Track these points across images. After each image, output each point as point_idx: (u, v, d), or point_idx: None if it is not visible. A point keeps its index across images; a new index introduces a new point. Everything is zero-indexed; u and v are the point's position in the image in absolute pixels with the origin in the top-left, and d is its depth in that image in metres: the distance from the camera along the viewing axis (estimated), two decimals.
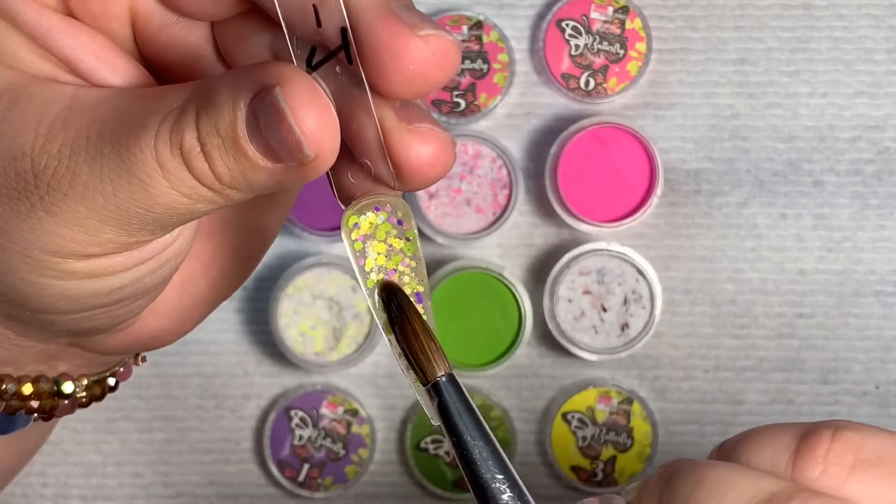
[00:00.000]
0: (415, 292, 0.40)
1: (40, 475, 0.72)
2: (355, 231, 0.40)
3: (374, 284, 0.40)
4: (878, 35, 0.69)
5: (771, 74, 0.69)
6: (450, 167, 0.39)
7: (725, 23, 0.69)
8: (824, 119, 0.69)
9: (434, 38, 0.36)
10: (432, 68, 0.36)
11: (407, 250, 0.40)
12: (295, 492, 0.70)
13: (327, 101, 0.36)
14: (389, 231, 0.40)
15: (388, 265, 0.40)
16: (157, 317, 0.45)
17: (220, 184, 0.37)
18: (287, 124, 0.35)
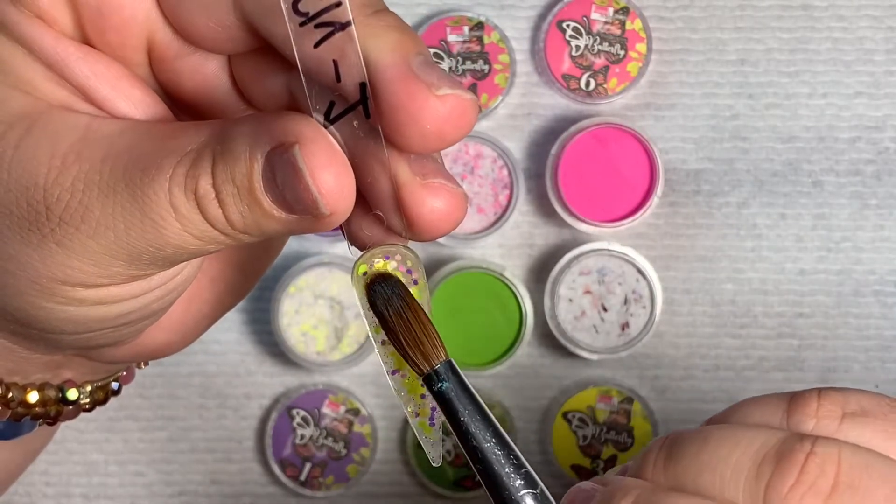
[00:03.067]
0: None
1: (43, 474, 0.72)
2: (365, 279, 0.40)
3: (380, 332, 0.40)
4: (878, 36, 0.69)
5: (771, 75, 0.70)
6: (461, 220, 0.39)
7: (725, 24, 0.70)
8: (824, 119, 0.69)
9: (451, 97, 0.36)
10: (448, 128, 0.36)
11: (415, 295, 0.40)
12: (297, 491, 0.70)
13: (345, 161, 0.37)
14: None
15: None
16: (163, 331, 0.45)
17: (232, 229, 0.38)
18: (304, 183, 0.36)
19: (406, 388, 0.41)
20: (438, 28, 0.69)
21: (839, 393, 0.40)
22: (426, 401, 0.41)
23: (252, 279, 0.47)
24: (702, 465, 0.38)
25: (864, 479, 0.38)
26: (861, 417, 0.40)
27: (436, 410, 0.40)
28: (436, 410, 0.40)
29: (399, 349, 0.40)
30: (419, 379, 0.40)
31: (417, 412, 0.41)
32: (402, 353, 0.40)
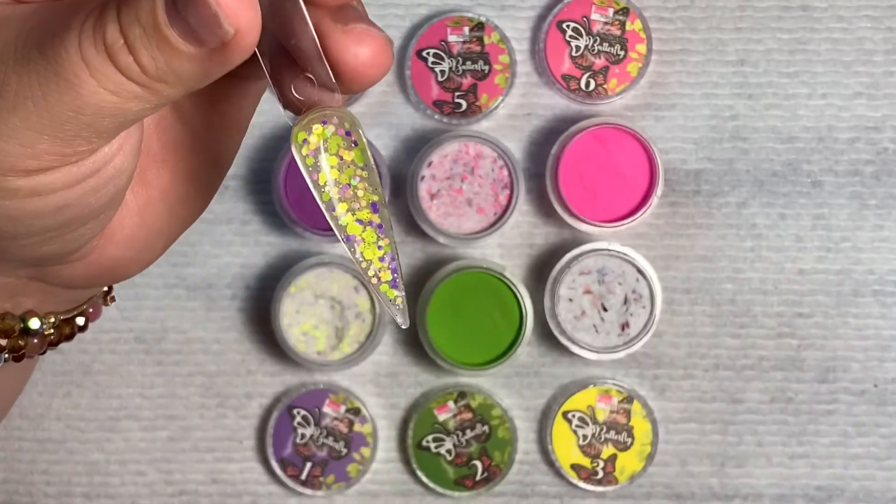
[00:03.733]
0: (370, 203, 0.40)
1: (44, 473, 0.72)
2: (305, 146, 0.40)
3: (328, 198, 0.40)
4: (877, 37, 0.69)
5: (770, 75, 0.70)
6: (388, 67, 0.39)
7: (725, 24, 0.70)
8: (823, 120, 0.70)
9: None
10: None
11: (358, 160, 0.40)
12: (297, 490, 0.70)
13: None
14: (339, 143, 0.40)
15: (342, 178, 0.40)
16: (117, 246, 0.45)
17: (146, 77, 0.37)
18: (203, 1, 0.35)
19: (364, 254, 0.41)
20: (439, 28, 0.69)
21: None
22: (385, 263, 0.41)
23: (205, 193, 0.47)
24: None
25: None
26: None
27: (397, 273, 0.41)
28: (397, 273, 0.41)
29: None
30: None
31: (379, 276, 0.41)
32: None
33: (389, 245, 0.41)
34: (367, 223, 0.41)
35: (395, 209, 0.70)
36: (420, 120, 0.70)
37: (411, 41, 0.69)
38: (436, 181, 0.69)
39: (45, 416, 0.72)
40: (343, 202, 0.41)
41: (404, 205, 0.70)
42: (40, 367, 0.72)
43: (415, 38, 0.69)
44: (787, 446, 0.70)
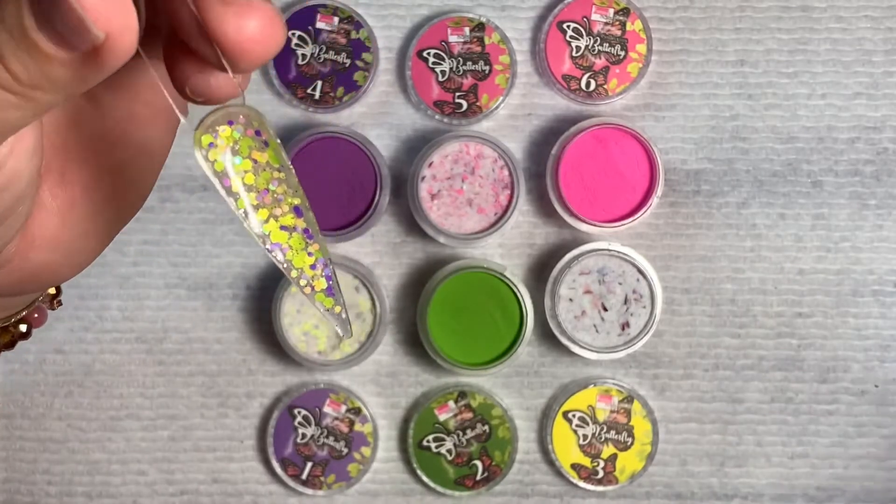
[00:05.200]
0: (293, 206, 0.37)
1: (45, 473, 0.72)
2: (212, 151, 0.37)
3: (244, 206, 0.37)
4: (877, 37, 0.69)
5: (770, 76, 0.70)
6: (280, 42, 0.35)
7: (725, 25, 0.70)
8: (823, 120, 0.70)
9: None
10: None
11: (273, 161, 0.37)
12: (298, 489, 0.70)
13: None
14: (251, 145, 0.37)
15: (259, 183, 0.37)
16: (39, 250, 0.42)
17: (20, 85, 0.34)
18: (66, 3, 0.32)
19: (293, 262, 0.38)
20: (439, 29, 0.69)
21: None
22: (317, 270, 0.38)
23: (139, 186, 0.44)
24: None
25: None
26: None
27: (331, 279, 0.38)
28: (331, 279, 0.38)
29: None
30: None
31: (312, 285, 0.38)
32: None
33: (320, 250, 0.38)
34: (293, 229, 0.38)
35: (396, 209, 0.70)
36: (421, 120, 0.70)
37: (412, 42, 0.69)
38: (436, 181, 0.69)
39: (47, 415, 0.72)
40: (262, 209, 0.37)
41: (405, 205, 0.70)
42: (42, 368, 0.72)
43: (415, 39, 0.69)
44: (787, 446, 0.70)
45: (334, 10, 0.69)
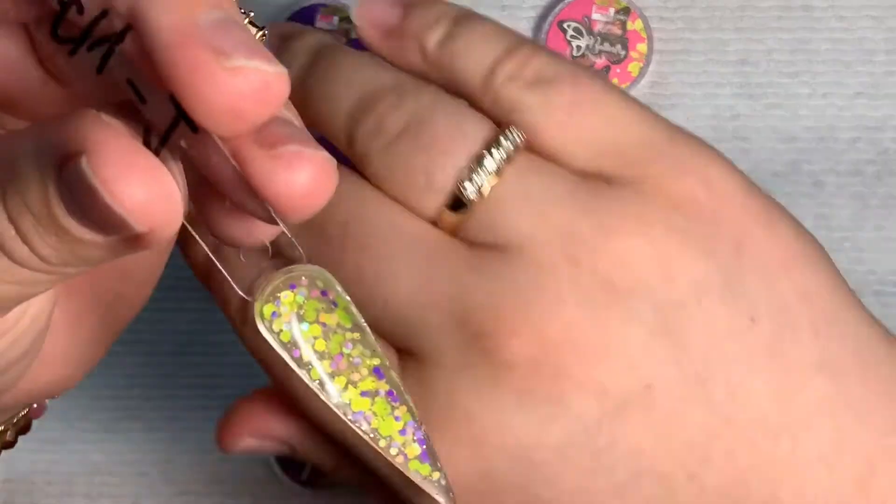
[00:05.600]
0: (372, 368, 0.35)
1: (45, 473, 0.72)
2: (277, 321, 0.35)
3: (318, 377, 0.35)
4: (878, 36, 0.69)
5: (771, 75, 0.70)
6: (330, 192, 0.32)
7: (726, 24, 0.70)
8: (824, 120, 0.69)
9: (247, 71, 0.29)
10: (248, 105, 0.29)
11: (344, 322, 0.35)
12: (298, 490, 0.70)
13: (152, 161, 0.29)
14: (318, 307, 0.35)
15: (331, 348, 0.35)
16: (49, 366, 0.41)
17: (49, 265, 0.32)
18: (102, 202, 0.29)
19: (380, 430, 0.36)
20: None
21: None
22: (408, 435, 0.36)
23: (145, 285, 0.43)
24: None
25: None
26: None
27: (425, 443, 0.36)
28: (425, 443, 0.36)
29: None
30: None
31: (404, 452, 0.36)
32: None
33: (408, 412, 0.36)
34: (375, 393, 0.35)
35: None
36: None
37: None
38: None
39: (47, 416, 0.72)
40: (339, 376, 0.35)
41: None
42: None
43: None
44: None
45: (335, 10, 0.69)
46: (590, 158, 0.44)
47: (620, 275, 0.41)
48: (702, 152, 0.45)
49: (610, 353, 0.40)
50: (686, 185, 0.43)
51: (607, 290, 0.40)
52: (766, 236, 0.43)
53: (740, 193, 0.44)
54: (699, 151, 0.45)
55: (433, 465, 0.36)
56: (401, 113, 0.42)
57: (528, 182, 0.42)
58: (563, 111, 0.44)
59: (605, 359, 0.40)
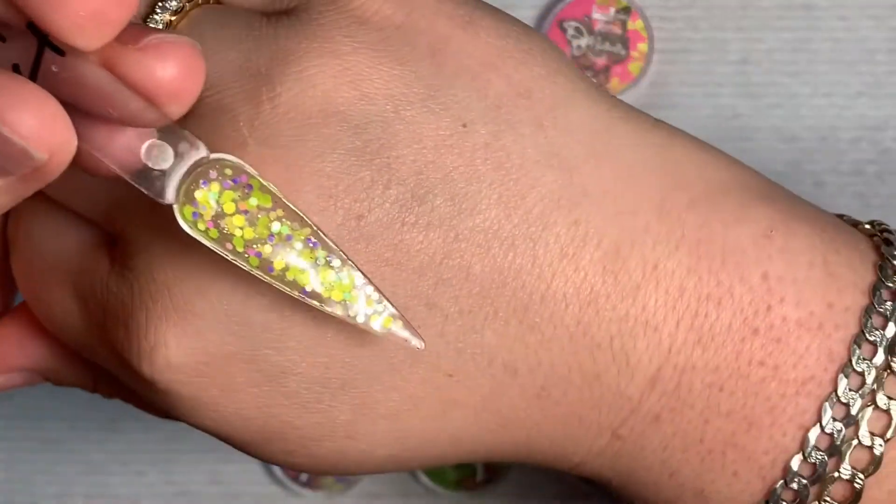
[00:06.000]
0: (305, 239, 0.36)
1: (45, 473, 0.72)
2: (200, 221, 0.35)
3: (257, 263, 0.35)
4: (880, 36, 0.69)
5: (772, 75, 0.70)
6: (204, 71, 0.32)
7: (727, 23, 0.70)
8: (826, 119, 0.69)
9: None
10: (110, 7, 0.29)
11: (264, 203, 0.35)
12: (297, 491, 0.70)
13: (36, 90, 0.30)
14: (234, 197, 0.35)
15: (260, 232, 0.35)
16: None
17: None
18: (1, 136, 0.29)
19: (333, 297, 0.36)
20: None
21: None
22: (362, 292, 0.36)
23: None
24: None
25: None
26: None
27: (377, 292, 0.36)
28: (377, 292, 0.36)
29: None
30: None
31: (366, 314, 0.36)
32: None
33: (352, 271, 0.36)
34: (314, 262, 0.36)
35: None
36: None
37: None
38: None
39: (47, 416, 0.72)
40: (276, 258, 0.35)
41: None
42: None
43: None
44: None
45: None
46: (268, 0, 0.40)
47: (307, 102, 0.37)
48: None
49: (306, 191, 0.37)
50: (369, 0, 0.39)
51: (294, 122, 0.37)
52: (467, 38, 0.39)
53: (430, 0, 0.40)
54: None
55: (395, 316, 0.37)
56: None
57: (202, 29, 0.39)
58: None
59: (303, 198, 0.37)
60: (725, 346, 0.41)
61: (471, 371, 0.40)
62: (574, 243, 0.40)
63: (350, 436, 0.40)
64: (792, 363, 0.41)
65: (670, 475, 0.42)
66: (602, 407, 0.42)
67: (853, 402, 0.40)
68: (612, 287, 0.40)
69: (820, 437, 0.41)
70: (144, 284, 0.38)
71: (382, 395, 0.40)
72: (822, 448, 0.41)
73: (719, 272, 0.41)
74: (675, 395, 0.41)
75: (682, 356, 0.41)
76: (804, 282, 0.42)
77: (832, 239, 0.44)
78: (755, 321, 0.41)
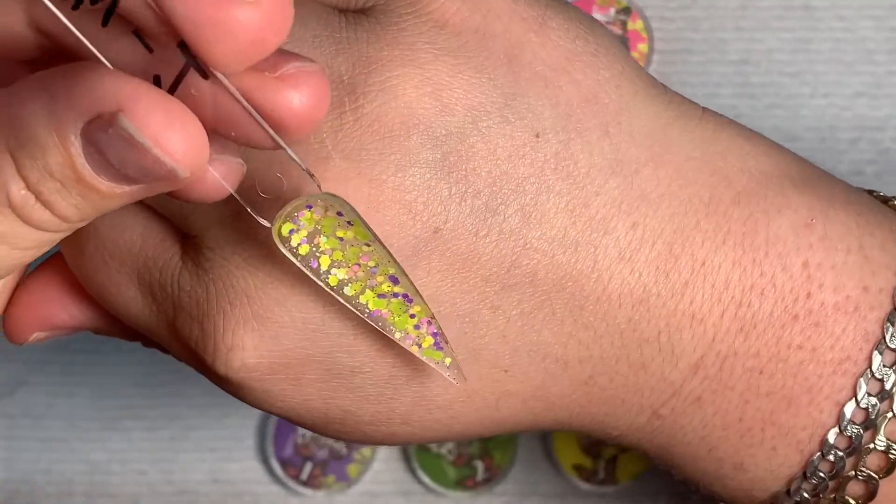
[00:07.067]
0: (388, 276, 0.37)
1: (45, 472, 0.72)
2: (295, 236, 0.36)
3: (337, 281, 0.37)
4: (879, 36, 0.69)
5: (772, 75, 0.70)
6: (330, 97, 0.34)
7: (727, 24, 0.70)
8: (825, 120, 0.69)
9: (262, 1, 0.30)
10: (269, 34, 0.30)
11: (360, 237, 0.37)
12: (297, 490, 0.70)
13: (183, 108, 0.30)
14: (334, 224, 0.36)
15: (349, 258, 0.37)
16: None
17: (68, 223, 0.32)
18: (151, 156, 0.30)
19: (396, 325, 0.38)
20: None
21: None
22: (422, 329, 0.38)
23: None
24: None
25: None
26: None
27: (438, 335, 0.39)
28: (438, 335, 0.39)
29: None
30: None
31: (419, 343, 0.39)
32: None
33: (422, 311, 0.38)
34: (391, 295, 0.38)
35: None
36: None
37: None
38: None
39: (48, 415, 0.72)
40: (356, 283, 0.37)
41: None
42: (43, 369, 0.72)
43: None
44: None
45: None
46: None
47: (389, 113, 0.38)
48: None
49: (386, 206, 0.38)
50: (445, 1, 0.39)
51: (376, 135, 0.38)
52: (540, 42, 0.40)
53: (504, 1, 0.40)
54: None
55: (445, 351, 0.39)
56: None
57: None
58: None
59: (383, 212, 0.38)
60: (766, 332, 0.43)
61: (525, 366, 0.42)
62: (631, 246, 0.42)
63: (405, 422, 0.42)
64: (829, 345, 0.43)
65: (709, 450, 0.44)
66: (645, 391, 0.43)
67: (887, 377, 0.42)
68: (662, 285, 0.42)
69: (856, 412, 0.42)
70: (222, 290, 0.39)
71: (441, 389, 0.41)
72: (857, 422, 0.42)
73: (762, 262, 0.43)
74: (717, 378, 0.43)
75: (725, 344, 0.42)
76: (842, 267, 0.43)
77: (867, 222, 0.47)
78: (795, 308, 0.43)
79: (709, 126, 0.47)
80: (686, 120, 0.46)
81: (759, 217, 0.44)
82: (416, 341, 0.39)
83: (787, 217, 0.44)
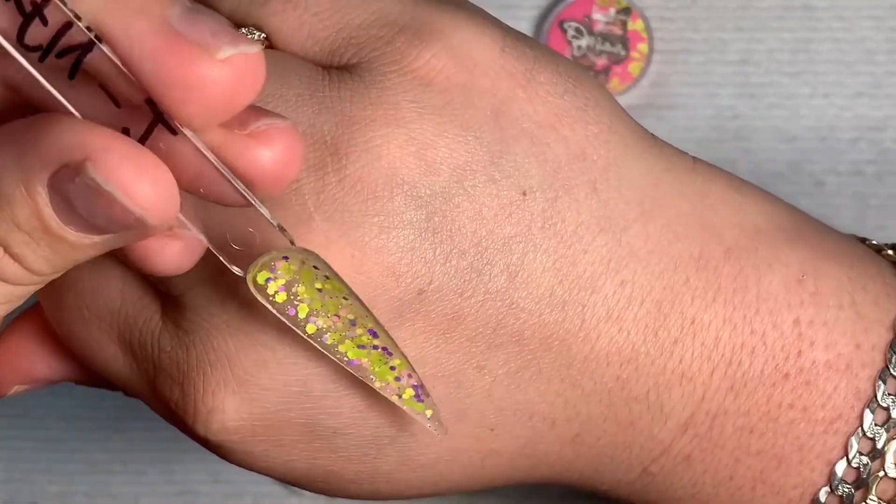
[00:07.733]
0: (367, 329, 0.37)
1: (46, 472, 0.72)
2: (272, 284, 0.36)
3: (315, 329, 0.36)
4: (879, 36, 0.69)
5: (772, 75, 0.70)
6: (303, 157, 0.34)
7: (727, 24, 0.70)
8: (825, 120, 0.69)
9: (236, 59, 0.29)
10: (241, 91, 0.30)
11: (337, 291, 0.36)
12: (298, 490, 0.70)
13: (153, 158, 0.30)
14: (312, 276, 0.36)
15: (328, 308, 0.36)
16: None
17: (40, 276, 0.32)
18: (119, 206, 0.29)
19: (377, 375, 0.37)
20: None
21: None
22: (402, 381, 0.38)
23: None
24: None
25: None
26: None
27: (418, 387, 0.38)
28: (418, 387, 0.38)
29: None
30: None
31: (400, 395, 0.38)
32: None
33: (402, 363, 0.38)
34: (371, 347, 0.37)
35: None
36: None
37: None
38: None
39: (48, 415, 0.72)
40: (335, 332, 0.36)
41: None
42: None
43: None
44: None
45: None
46: (327, 51, 0.39)
47: (372, 174, 0.37)
48: (444, 17, 0.39)
49: (370, 268, 0.37)
50: (431, 58, 0.38)
51: (359, 196, 0.37)
52: (527, 98, 0.39)
53: (492, 56, 0.39)
54: (443, 16, 0.39)
55: (426, 403, 0.38)
56: None
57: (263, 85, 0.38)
58: (287, 5, 0.39)
59: (366, 274, 0.37)
60: (757, 391, 0.42)
61: (511, 424, 0.42)
62: (619, 304, 0.41)
63: (388, 481, 0.42)
64: (820, 403, 0.42)
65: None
66: (633, 449, 0.43)
67: (878, 436, 0.41)
68: (651, 344, 0.41)
69: (847, 471, 0.42)
70: (203, 352, 0.39)
71: (425, 448, 0.41)
72: (848, 481, 0.42)
73: (753, 320, 0.42)
74: (707, 437, 0.42)
75: (715, 403, 0.42)
76: (833, 324, 0.42)
77: (859, 275, 0.44)
78: (786, 366, 0.42)
79: (699, 178, 0.44)
80: (676, 172, 0.44)
81: (749, 273, 0.42)
82: (398, 392, 0.38)
83: (779, 273, 0.42)
